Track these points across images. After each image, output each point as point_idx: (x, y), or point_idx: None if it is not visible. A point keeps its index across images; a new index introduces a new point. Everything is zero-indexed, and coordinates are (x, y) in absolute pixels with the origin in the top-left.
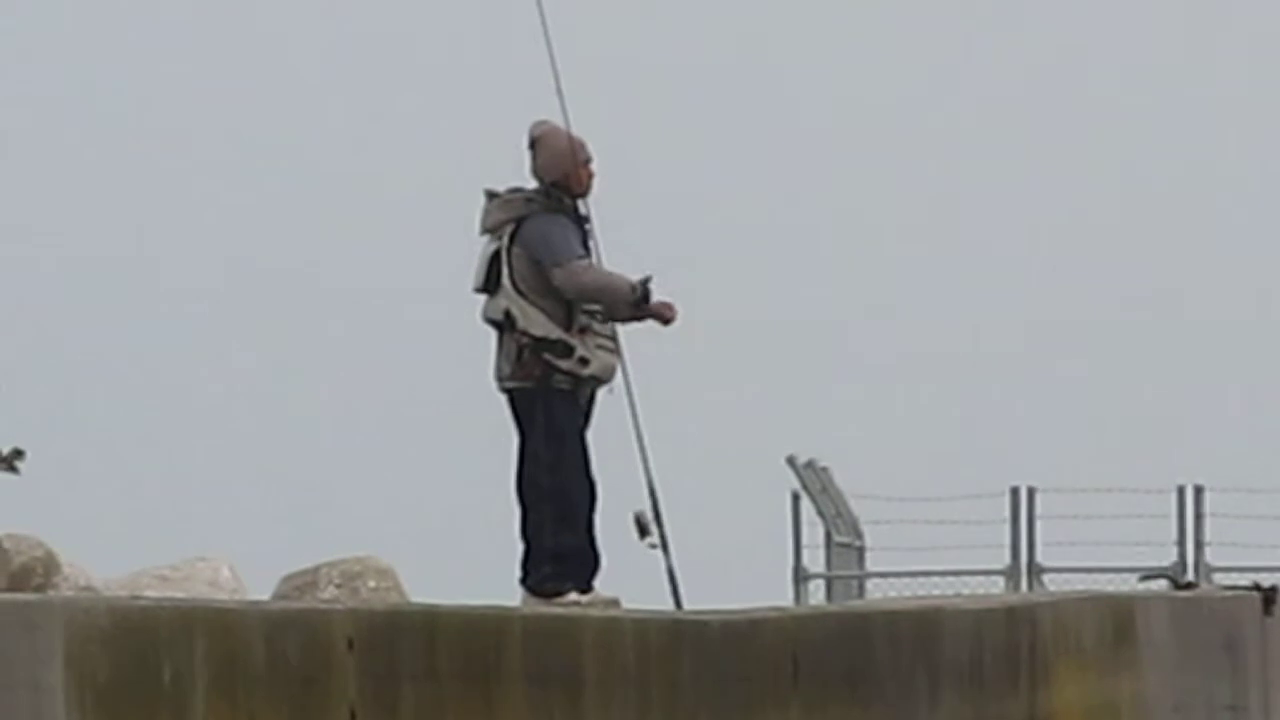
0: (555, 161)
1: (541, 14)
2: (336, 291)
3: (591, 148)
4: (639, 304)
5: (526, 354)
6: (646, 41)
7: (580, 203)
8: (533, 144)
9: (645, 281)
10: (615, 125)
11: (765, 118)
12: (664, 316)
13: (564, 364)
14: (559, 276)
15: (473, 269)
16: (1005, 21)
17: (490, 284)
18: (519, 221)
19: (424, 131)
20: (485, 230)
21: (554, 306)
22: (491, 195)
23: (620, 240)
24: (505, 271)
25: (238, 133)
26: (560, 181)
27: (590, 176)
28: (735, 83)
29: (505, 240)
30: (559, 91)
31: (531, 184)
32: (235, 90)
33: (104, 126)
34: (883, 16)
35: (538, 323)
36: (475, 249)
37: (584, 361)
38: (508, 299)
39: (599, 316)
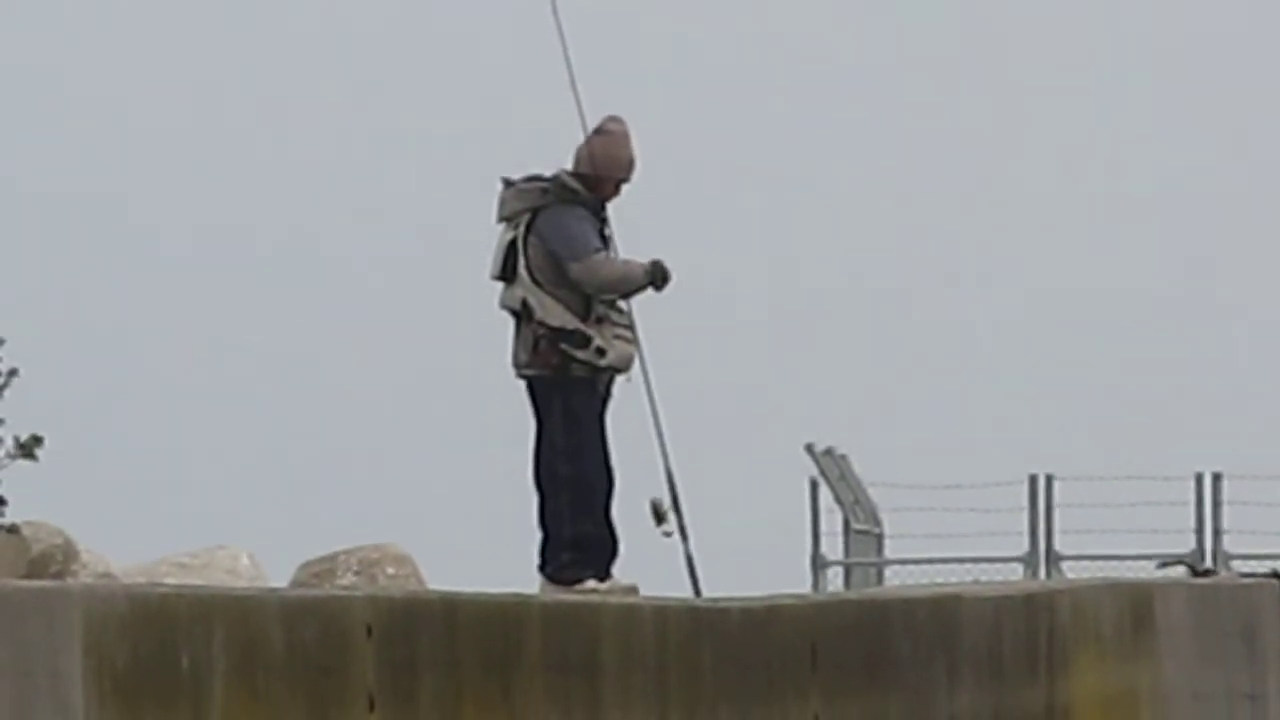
0: (599, 159)
1: (555, 11)
2: (354, 278)
3: (638, 174)
4: (655, 286)
5: (543, 344)
6: (656, 36)
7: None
8: (596, 130)
9: (656, 265)
10: (630, 110)
11: (779, 106)
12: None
13: (581, 354)
14: (576, 270)
15: (490, 256)
16: (1021, 13)
17: (507, 273)
18: (535, 212)
19: (443, 118)
20: (501, 219)
21: (571, 296)
22: (508, 183)
23: (637, 228)
24: (521, 262)
25: (255, 121)
26: (588, 177)
27: (616, 194)
28: (754, 66)
29: (521, 230)
30: (573, 85)
31: (552, 169)
32: (254, 76)
33: (117, 120)
34: (900, 8)
35: (555, 313)
36: (493, 235)
37: (601, 352)
38: (524, 289)
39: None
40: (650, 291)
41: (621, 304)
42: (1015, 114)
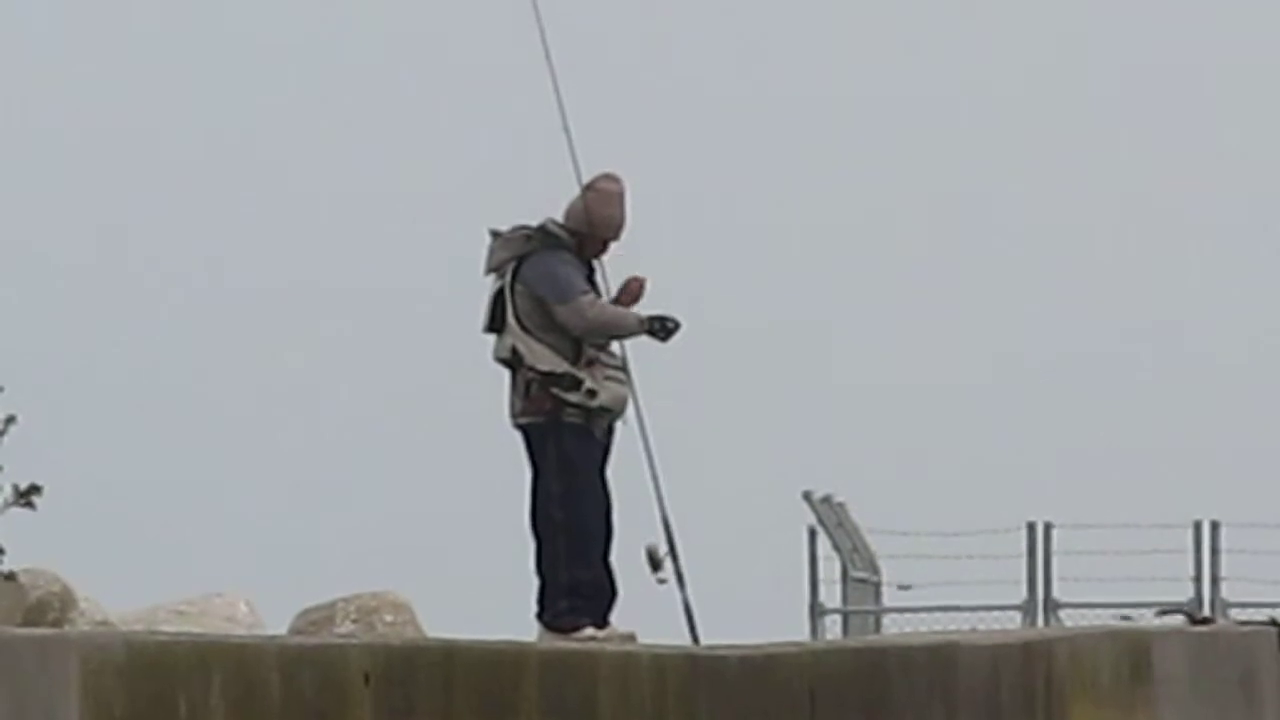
0: (592, 217)
1: (546, 51)
2: (354, 326)
3: (627, 235)
4: (655, 336)
5: (535, 389)
6: (652, 64)
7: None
8: (589, 186)
9: (655, 319)
10: (623, 154)
11: (778, 150)
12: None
13: (573, 397)
14: (563, 314)
15: (480, 309)
16: (1013, 22)
17: (497, 323)
18: (520, 259)
19: (442, 170)
20: (490, 270)
21: (560, 341)
22: (495, 234)
23: (634, 268)
24: (509, 310)
25: (260, 161)
26: (578, 232)
27: (604, 251)
28: (746, 109)
29: (508, 278)
30: (566, 128)
31: (538, 219)
32: (256, 110)
33: (110, 158)
34: (886, 17)
35: (544, 358)
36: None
37: (592, 394)
38: (514, 336)
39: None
40: (652, 341)
41: (614, 347)
42: (1009, 160)
